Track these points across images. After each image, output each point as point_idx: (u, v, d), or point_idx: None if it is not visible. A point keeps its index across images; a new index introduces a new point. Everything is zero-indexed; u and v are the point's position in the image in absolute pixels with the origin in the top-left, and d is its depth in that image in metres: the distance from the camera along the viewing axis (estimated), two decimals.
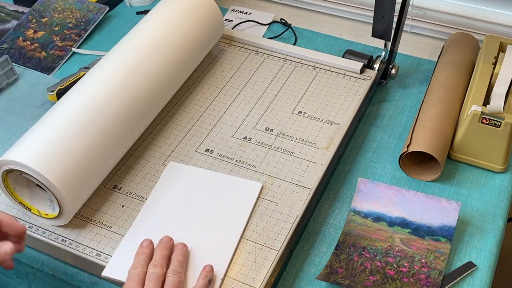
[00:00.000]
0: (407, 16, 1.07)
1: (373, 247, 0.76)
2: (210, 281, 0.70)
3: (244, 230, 0.76)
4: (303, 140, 0.88)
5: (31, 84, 1.01)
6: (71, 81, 0.97)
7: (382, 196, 0.80)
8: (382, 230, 0.78)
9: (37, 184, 0.73)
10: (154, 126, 0.91)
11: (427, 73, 1.04)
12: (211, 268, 0.71)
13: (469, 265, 0.75)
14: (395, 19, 0.94)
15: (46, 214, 0.76)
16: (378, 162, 0.89)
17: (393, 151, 0.90)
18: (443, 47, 1.04)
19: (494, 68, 0.90)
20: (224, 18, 1.13)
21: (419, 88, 1.01)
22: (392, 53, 0.97)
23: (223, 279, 0.71)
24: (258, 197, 0.80)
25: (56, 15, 1.14)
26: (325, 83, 0.97)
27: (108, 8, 1.15)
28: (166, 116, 0.92)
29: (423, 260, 0.74)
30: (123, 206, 0.80)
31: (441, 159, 0.83)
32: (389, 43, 0.97)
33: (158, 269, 0.69)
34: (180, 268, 0.70)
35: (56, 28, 1.12)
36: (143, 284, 0.68)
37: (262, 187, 0.81)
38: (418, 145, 0.83)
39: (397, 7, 0.92)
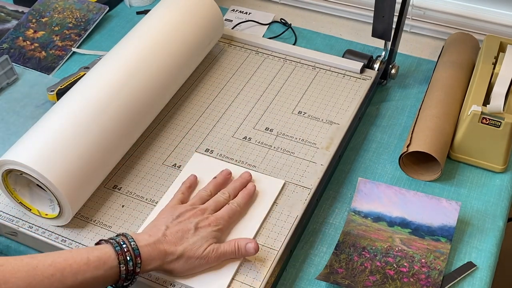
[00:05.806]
0: (407, 16, 1.07)
1: (373, 247, 0.76)
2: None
3: (261, 225, 0.77)
4: (303, 140, 0.88)
5: (31, 84, 1.01)
6: (71, 81, 0.97)
7: (382, 196, 0.80)
8: (382, 230, 0.78)
9: (37, 184, 0.73)
10: (154, 126, 0.91)
11: (427, 73, 1.04)
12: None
13: (469, 265, 0.75)
14: (395, 19, 0.94)
15: (46, 214, 0.76)
16: (378, 162, 0.89)
17: (393, 151, 0.90)
18: (443, 47, 1.04)
19: (494, 68, 0.90)
20: (224, 18, 1.13)
21: (419, 88, 1.01)
22: (392, 53, 0.97)
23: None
24: (279, 194, 0.80)
25: (56, 15, 1.14)
26: (325, 83, 0.97)
27: (108, 8, 1.15)
28: (166, 116, 0.92)
29: (423, 260, 0.74)
30: (123, 206, 0.80)
31: (441, 159, 0.83)
32: (389, 43, 0.97)
33: (226, 195, 0.77)
34: (243, 203, 0.77)
35: (56, 28, 1.12)
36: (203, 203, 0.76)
37: (284, 184, 0.81)
38: (418, 145, 0.83)
39: (397, 7, 0.92)
